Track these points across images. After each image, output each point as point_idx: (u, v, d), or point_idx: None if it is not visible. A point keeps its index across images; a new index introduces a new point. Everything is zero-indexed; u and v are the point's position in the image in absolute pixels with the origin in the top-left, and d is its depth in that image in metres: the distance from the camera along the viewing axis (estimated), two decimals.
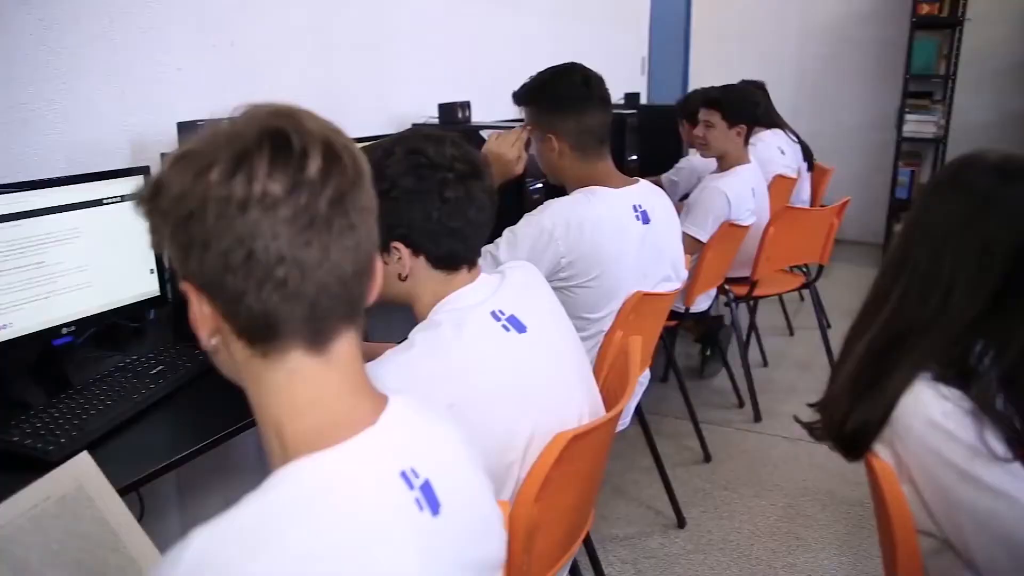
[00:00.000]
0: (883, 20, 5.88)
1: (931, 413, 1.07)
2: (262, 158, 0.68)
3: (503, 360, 1.27)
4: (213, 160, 0.68)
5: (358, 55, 2.81)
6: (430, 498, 0.75)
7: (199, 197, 0.68)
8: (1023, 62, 5.65)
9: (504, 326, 1.27)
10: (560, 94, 2.03)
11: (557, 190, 2.15)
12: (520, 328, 1.29)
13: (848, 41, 6.03)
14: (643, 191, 2.13)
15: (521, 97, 2.08)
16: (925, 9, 5.54)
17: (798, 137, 4.30)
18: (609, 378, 1.75)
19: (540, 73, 2.07)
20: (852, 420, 1.16)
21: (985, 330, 1.10)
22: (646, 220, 2.09)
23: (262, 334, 0.72)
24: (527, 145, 2.08)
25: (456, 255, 1.28)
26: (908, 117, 5.76)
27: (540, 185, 2.55)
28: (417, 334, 1.25)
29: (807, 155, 4.34)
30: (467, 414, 1.17)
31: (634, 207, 2.07)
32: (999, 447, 1.03)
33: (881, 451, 1.15)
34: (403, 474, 0.73)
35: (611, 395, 1.58)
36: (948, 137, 5.78)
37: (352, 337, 0.77)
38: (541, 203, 2.08)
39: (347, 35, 2.74)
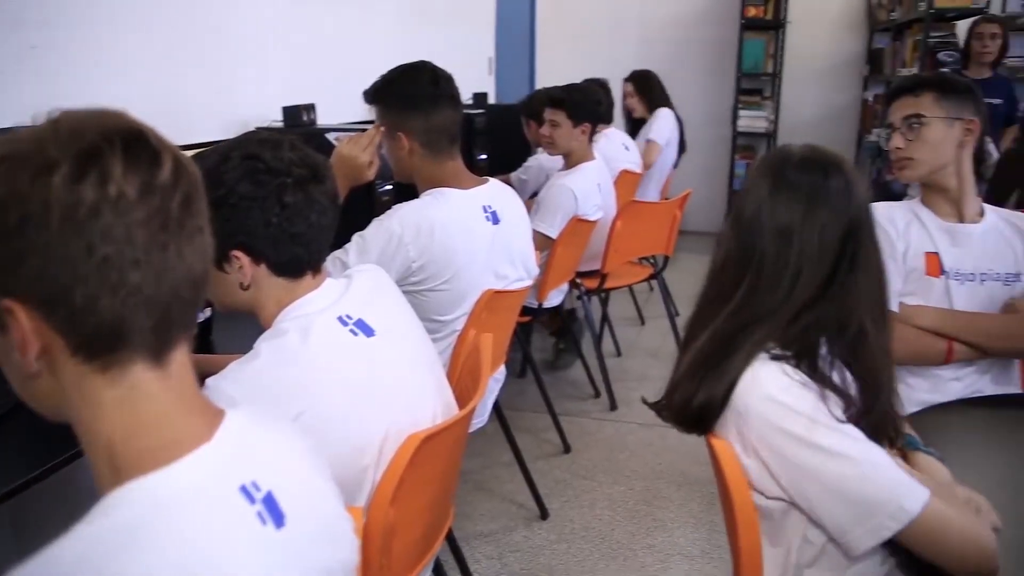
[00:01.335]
0: (715, 21, 6.19)
1: (769, 390, 1.15)
2: (115, 158, 0.66)
3: (352, 365, 1.25)
4: (52, 161, 0.64)
5: (194, 56, 2.69)
6: (273, 510, 0.73)
7: (39, 201, 0.64)
8: (839, 61, 6.15)
9: (352, 331, 1.26)
10: (409, 92, 2.01)
11: (407, 192, 2.13)
12: (368, 332, 1.28)
13: (684, 42, 6.31)
14: (493, 191, 2.16)
15: (370, 96, 2.05)
16: (752, 11, 5.91)
17: (679, 121, 4.52)
18: (462, 377, 1.77)
19: (389, 71, 2.05)
20: (696, 400, 1.22)
21: (821, 308, 1.20)
22: (496, 220, 2.11)
23: (107, 345, 0.68)
24: (379, 147, 2.06)
25: (299, 261, 1.26)
26: (741, 113, 6.13)
27: (390, 187, 2.54)
28: (262, 343, 1.21)
29: (682, 142, 4.57)
30: (318, 421, 1.16)
31: (484, 208, 2.09)
32: (835, 412, 1.13)
33: (724, 430, 1.22)
34: (243, 488, 0.72)
35: (465, 393, 1.59)
36: (778, 131, 6.19)
37: (186, 349, 0.75)
38: (391, 205, 2.06)
39: (181, 35, 2.62)
